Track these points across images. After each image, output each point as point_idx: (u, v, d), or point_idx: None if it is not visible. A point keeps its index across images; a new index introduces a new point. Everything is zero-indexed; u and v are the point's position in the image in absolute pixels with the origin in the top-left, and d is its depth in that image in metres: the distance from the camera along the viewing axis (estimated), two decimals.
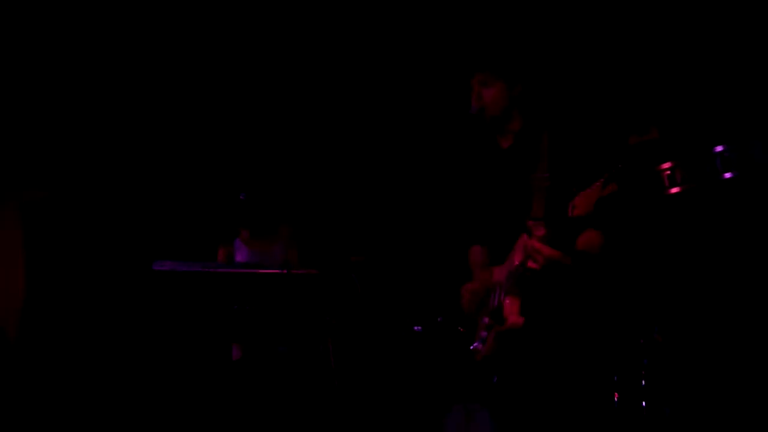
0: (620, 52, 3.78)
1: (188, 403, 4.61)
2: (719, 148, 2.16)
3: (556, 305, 2.82)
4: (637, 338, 3.21)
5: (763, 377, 3.19)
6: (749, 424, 3.15)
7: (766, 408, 3.15)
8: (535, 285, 2.77)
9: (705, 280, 3.37)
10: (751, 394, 3.19)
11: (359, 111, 4.89)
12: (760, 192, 3.12)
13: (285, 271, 3.50)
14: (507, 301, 2.79)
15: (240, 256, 4.23)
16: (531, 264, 2.76)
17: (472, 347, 2.94)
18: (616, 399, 3.13)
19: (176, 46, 4.92)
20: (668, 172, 2.28)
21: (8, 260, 5.17)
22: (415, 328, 3.71)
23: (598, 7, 3.89)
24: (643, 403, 3.12)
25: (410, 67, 4.72)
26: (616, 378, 3.15)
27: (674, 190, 2.28)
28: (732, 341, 3.28)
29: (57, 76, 4.92)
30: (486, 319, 2.91)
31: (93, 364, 4.91)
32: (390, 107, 4.78)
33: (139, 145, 5.16)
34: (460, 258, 3.32)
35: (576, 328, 2.85)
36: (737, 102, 3.33)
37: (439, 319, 3.42)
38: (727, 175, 2.17)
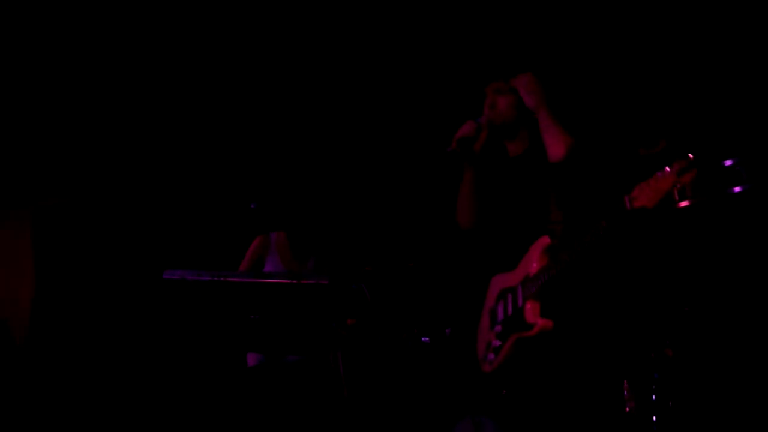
0: (630, 65, 3.78)
1: (197, 411, 4.61)
2: (729, 162, 2.15)
3: (570, 318, 2.81)
4: (647, 352, 3.19)
5: None
6: None
7: None
8: (558, 294, 2.75)
9: (715, 293, 3.35)
10: (763, 409, 3.17)
11: (372, 121, 4.91)
12: None
13: (294, 281, 3.50)
14: (528, 306, 2.76)
15: (270, 262, 4.22)
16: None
17: (485, 358, 2.92)
18: (627, 412, 3.12)
19: (193, 57, 4.95)
20: (678, 185, 2.26)
21: (18, 266, 5.21)
22: (423, 339, 3.71)
23: (610, 21, 3.91)
24: (654, 417, 3.10)
25: (424, 81, 4.74)
26: (626, 392, 3.13)
27: (684, 203, 2.27)
28: (743, 355, 3.26)
29: (71, 85, 4.96)
30: (498, 328, 2.89)
31: (101, 370, 4.93)
32: (402, 119, 4.80)
33: (151, 153, 5.19)
34: (469, 269, 3.32)
35: (587, 340, 2.84)
36: (748, 116, 3.32)
37: (447, 331, 3.41)
38: (737, 189, 2.16)
